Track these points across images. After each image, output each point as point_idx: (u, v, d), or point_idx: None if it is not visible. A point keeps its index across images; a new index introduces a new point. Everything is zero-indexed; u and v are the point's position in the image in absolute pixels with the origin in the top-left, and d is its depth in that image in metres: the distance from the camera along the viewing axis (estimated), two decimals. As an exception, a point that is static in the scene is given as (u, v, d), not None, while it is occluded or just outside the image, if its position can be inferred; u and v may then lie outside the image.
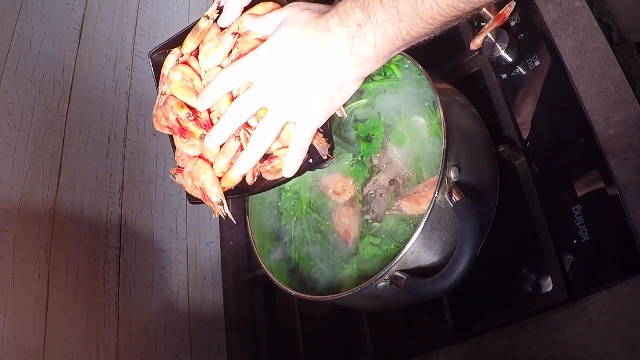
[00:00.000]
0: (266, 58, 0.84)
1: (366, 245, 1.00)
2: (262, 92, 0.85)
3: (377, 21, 0.78)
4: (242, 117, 0.87)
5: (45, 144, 1.27)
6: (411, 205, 0.94)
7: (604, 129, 0.95)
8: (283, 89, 0.84)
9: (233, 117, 0.87)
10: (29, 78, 1.29)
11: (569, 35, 1.03)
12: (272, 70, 0.84)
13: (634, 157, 0.91)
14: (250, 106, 0.87)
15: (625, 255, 0.89)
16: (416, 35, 0.78)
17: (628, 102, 0.94)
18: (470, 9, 0.74)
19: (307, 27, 0.83)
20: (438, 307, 1.04)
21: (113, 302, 1.29)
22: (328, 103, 0.85)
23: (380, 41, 0.79)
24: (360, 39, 0.79)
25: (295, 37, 0.83)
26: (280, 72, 0.84)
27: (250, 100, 0.86)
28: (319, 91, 0.84)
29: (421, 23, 0.76)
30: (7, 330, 1.08)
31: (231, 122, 0.88)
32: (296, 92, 0.84)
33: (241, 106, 0.87)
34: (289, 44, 0.83)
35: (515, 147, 1.04)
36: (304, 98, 0.84)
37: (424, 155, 0.99)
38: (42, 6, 1.38)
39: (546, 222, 0.97)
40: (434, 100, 0.98)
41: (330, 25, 0.81)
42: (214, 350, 1.46)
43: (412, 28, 0.77)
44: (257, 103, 0.86)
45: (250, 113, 0.87)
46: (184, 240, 1.52)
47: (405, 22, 0.76)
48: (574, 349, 0.89)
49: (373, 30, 0.78)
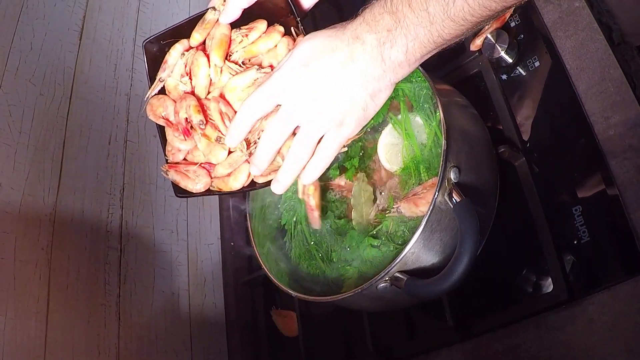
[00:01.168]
0: (290, 76, 0.83)
1: (366, 246, 1.00)
2: (293, 113, 0.83)
3: (407, 25, 0.77)
4: (278, 142, 0.86)
5: (46, 145, 1.28)
6: (409, 207, 0.94)
7: (604, 130, 0.95)
8: (314, 105, 0.82)
9: (270, 144, 0.86)
10: (30, 79, 1.29)
11: (569, 36, 1.03)
12: (299, 87, 0.82)
13: (634, 158, 0.91)
14: (284, 130, 0.85)
15: (625, 255, 0.89)
16: (448, 38, 0.77)
17: (628, 103, 0.94)
18: (502, 7, 0.74)
19: (331, 38, 0.82)
20: (438, 308, 1.04)
21: (114, 304, 1.29)
22: (362, 111, 0.84)
23: (412, 45, 0.78)
24: (392, 44, 0.78)
25: (320, 49, 0.82)
26: (308, 87, 0.82)
27: (283, 124, 0.84)
28: (353, 102, 0.82)
29: (453, 25, 0.75)
30: (8, 331, 1.08)
31: (269, 148, 0.87)
32: (329, 107, 0.82)
33: (276, 133, 0.85)
34: (314, 57, 0.82)
35: (516, 147, 1.04)
36: (338, 112, 0.82)
37: (423, 157, 0.99)
38: (43, 8, 1.38)
39: (546, 223, 0.97)
40: (434, 101, 0.98)
41: (359, 33, 0.80)
42: (214, 351, 1.47)
43: (443, 30, 0.76)
44: (290, 125, 0.84)
45: (285, 137, 0.86)
46: (185, 241, 1.52)
47: (436, 24, 0.75)
48: (574, 349, 0.89)
49: (404, 35, 0.77)
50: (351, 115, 0.83)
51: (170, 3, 1.74)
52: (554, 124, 1.03)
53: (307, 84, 0.82)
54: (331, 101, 0.82)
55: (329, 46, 0.81)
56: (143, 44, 0.98)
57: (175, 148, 0.97)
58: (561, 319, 0.92)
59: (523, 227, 1.02)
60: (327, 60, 0.81)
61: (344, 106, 0.82)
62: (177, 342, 1.40)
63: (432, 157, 0.98)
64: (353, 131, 0.85)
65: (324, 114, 0.82)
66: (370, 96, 0.83)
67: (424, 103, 1.01)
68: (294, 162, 0.86)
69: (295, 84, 0.82)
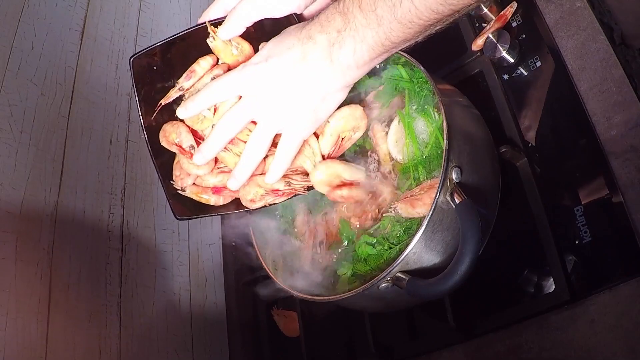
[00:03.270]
0: (253, 70, 0.84)
1: (361, 243, 1.00)
2: (250, 106, 0.85)
3: (356, 26, 0.77)
4: (232, 131, 0.87)
5: (47, 145, 1.28)
6: (406, 208, 0.94)
7: (606, 130, 0.95)
8: (270, 101, 0.84)
9: (223, 132, 0.87)
10: (31, 79, 1.29)
11: (571, 36, 1.03)
12: (258, 83, 0.84)
13: (636, 158, 0.91)
14: (239, 120, 0.86)
15: (627, 255, 0.89)
16: (396, 41, 0.77)
17: (630, 103, 0.94)
18: (449, 11, 0.73)
19: (290, 36, 0.83)
20: (440, 308, 1.04)
21: (115, 304, 1.29)
22: (312, 113, 0.85)
23: (359, 47, 0.78)
24: (340, 45, 0.79)
25: (279, 47, 0.83)
26: (266, 84, 0.83)
27: (239, 114, 0.86)
28: (302, 102, 0.83)
29: (400, 27, 0.75)
30: (10, 331, 1.08)
31: (221, 137, 0.88)
32: (282, 104, 0.83)
33: (230, 121, 0.86)
34: (273, 55, 0.83)
35: (517, 148, 1.04)
36: (289, 109, 0.84)
37: (423, 158, 0.99)
38: (44, 8, 1.38)
39: (548, 223, 0.97)
40: (435, 102, 0.98)
41: (312, 33, 0.80)
42: (215, 351, 1.47)
43: (391, 33, 0.76)
44: (245, 117, 0.86)
45: (240, 127, 0.87)
46: (186, 241, 1.52)
47: (384, 26, 0.75)
48: (576, 350, 0.89)
49: (352, 36, 0.78)
50: (302, 116, 0.85)
51: (171, 3, 1.74)
52: (555, 124, 1.03)
53: (265, 80, 0.83)
54: (285, 99, 0.83)
55: (286, 44, 0.82)
56: (130, 60, 0.96)
57: (184, 173, 0.97)
58: (563, 319, 0.92)
59: (525, 227, 1.02)
60: (283, 59, 0.82)
61: (296, 106, 0.84)
62: (178, 342, 1.40)
63: (431, 159, 0.97)
64: (307, 132, 0.87)
65: (278, 111, 0.84)
66: (321, 99, 0.84)
67: (425, 104, 1.01)
68: (249, 157, 0.88)
69: (256, 79, 0.84)
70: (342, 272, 1.02)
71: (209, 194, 0.98)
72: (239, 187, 0.93)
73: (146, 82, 0.97)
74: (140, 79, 0.97)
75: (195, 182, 0.98)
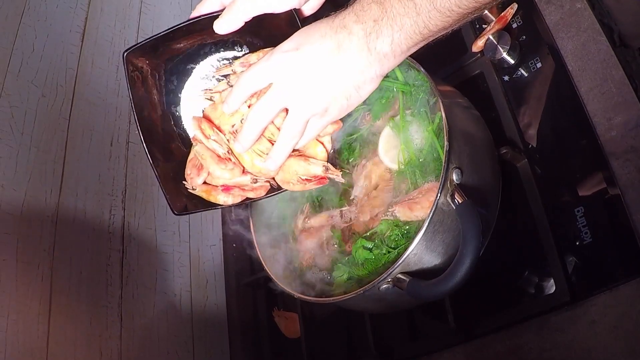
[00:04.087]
0: (283, 58, 0.83)
1: (358, 247, 1.00)
2: (281, 93, 0.84)
3: (393, 15, 0.76)
4: (265, 119, 0.87)
5: (48, 147, 1.28)
6: (404, 211, 0.94)
7: (606, 131, 0.95)
8: (301, 88, 0.83)
9: (257, 121, 0.87)
10: (32, 81, 1.29)
11: (571, 37, 1.03)
12: (289, 70, 0.83)
13: (636, 159, 0.91)
14: (271, 108, 0.86)
15: (627, 256, 0.89)
16: (434, 29, 0.77)
17: (630, 104, 0.94)
18: (489, 0, 0.73)
19: (321, 26, 0.82)
20: (441, 309, 1.04)
21: (116, 305, 1.29)
22: (345, 100, 0.84)
23: (397, 36, 0.78)
24: (377, 35, 0.78)
25: (311, 35, 0.82)
26: (297, 72, 0.83)
27: (271, 102, 0.85)
28: (336, 90, 0.83)
29: (439, 16, 0.75)
30: (10, 332, 1.08)
31: (255, 125, 0.88)
32: (315, 92, 0.83)
33: (262, 109, 0.86)
34: (305, 43, 0.82)
35: (518, 149, 1.04)
36: (323, 99, 0.84)
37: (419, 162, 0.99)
38: (45, 9, 1.38)
39: (548, 224, 0.98)
40: (431, 105, 0.98)
41: (347, 23, 0.80)
42: (216, 352, 1.47)
43: (429, 21, 0.75)
44: (277, 104, 0.86)
45: (272, 115, 0.87)
46: (187, 243, 1.52)
47: (422, 15, 0.75)
48: (576, 351, 0.89)
49: (390, 25, 0.77)
50: (335, 104, 0.84)
51: (171, 5, 1.74)
52: (556, 125, 1.03)
53: (297, 68, 0.83)
54: (318, 88, 0.83)
55: (319, 33, 0.82)
56: (124, 54, 0.95)
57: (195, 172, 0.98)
58: (563, 320, 0.92)
59: (525, 228, 1.02)
60: (316, 47, 0.82)
61: (329, 94, 0.83)
62: (178, 344, 1.40)
63: (428, 162, 0.98)
64: (334, 118, 0.87)
65: (311, 99, 0.84)
66: (355, 87, 0.83)
67: (421, 107, 1.01)
68: (285, 141, 0.88)
69: (287, 67, 0.83)
70: (338, 275, 1.02)
71: (218, 192, 0.97)
72: (277, 170, 0.93)
73: (139, 79, 0.97)
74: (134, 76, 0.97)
75: (206, 180, 0.98)
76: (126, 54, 0.95)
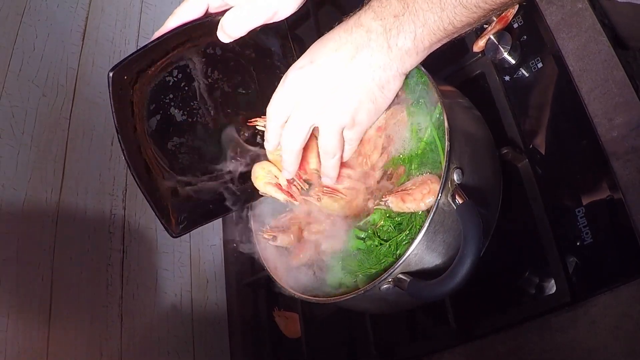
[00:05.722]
0: (298, 75, 0.81)
1: (352, 237, 0.99)
2: (305, 112, 0.82)
3: (416, 10, 0.74)
4: (297, 142, 0.85)
5: (48, 146, 1.28)
6: (397, 202, 0.93)
7: (607, 131, 0.95)
8: (323, 102, 0.81)
9: (291, 147, 0.86)
10: (32, 81, 1.29)
11: (572, 37, 1.03)
12: (307, 86, 0.81)
13: (637, 159, 0.91)
14: (299, 130, 0.84)
15: (628, 257, 0.89)
16: (459, 26, 0.75)
17: (631, 104, 0.94)
18: None
19: (335, 31, 0.80)
20: (441, 310, 1.04)
21: (116, 305, 1.30)
22: (372, 104, 0.82)
23: (420, 32, 0.75)
24: (398, 30, 0.76)
25: (325, 45, 0.80)
26: (316, 86, 0.80)
27: (297, 124, 0.84)
28: (361, 96, 0.81)
29: (465, 12, 0.73)
30: (11, 332, 1.08)
31: (291, 151, 0.87)
32: (339, 104, 0.81)
33: (291, 134, 0.85)
34: (319, 54, 0.80)
35: (519, 149, 1.04)
36: (348, 109, 0.81)
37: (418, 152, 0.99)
38: (46, 9, 1.38)
39: (549, 224, 0.97)
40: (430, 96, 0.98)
41: (363, 21, 0.77)
42: (217, 352, 1.47)
43: (455, 17, 0.73)
44: (304, 125, 0.84)
45: (303, 136, 0.85)
46: (187, 242, 1.52)
47: (447, 10, 0.73)
48: (577, 351, 0.89)
49: (412, 20, 0.75)
50: (362, 110, 0.82)
51: (172, 4, 1.73)
52: (557, 126, 1.03)
53: (315, 82, 0.80)
54: (340, 98, 0.80)
55: (332, 40, 0.80)
56: (109, 74, 0.88)
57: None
58: (564, 320, 0.92)
59: (526, 228, 1.02)
60: (331, 56, 0.79)
61: (354, 101, 0.81)
62: (179, 344, 1.40)
63: (425, 154, 0.97)
64: (367, 124, 0.85)
65: (335, 112, 0.81)
66: (379, 87, 0.80)
67: (420, 98, 1.01)
68: (326, 158, 0.88)
69: (305, 83, 0.81)
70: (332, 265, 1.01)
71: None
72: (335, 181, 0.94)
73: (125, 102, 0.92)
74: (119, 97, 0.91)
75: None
76: (112, 72, 0.89)
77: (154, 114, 0.94)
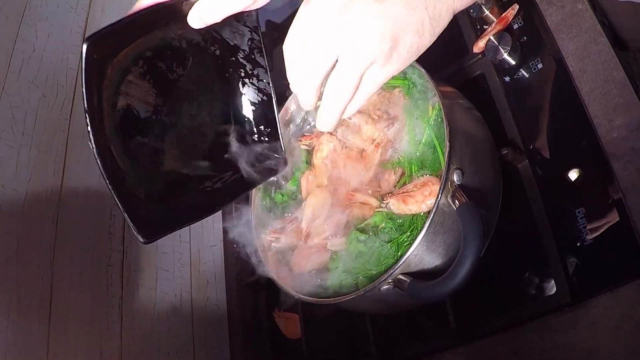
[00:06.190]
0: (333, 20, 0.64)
1: (352, 239, 0.99)
2: (328, 42, 0.65)
3: None
4: (317, 74, 0.68)
5: (48, 147, 1.28)
6: (398, 204, 0.93)
7: (607, 132, 0.95)
8: (354, 28, 0.63)
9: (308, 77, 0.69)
10: (33, 81, 1.29)
11: (572, 38, 1.03)
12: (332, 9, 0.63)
13: (637, 160, 0.91)
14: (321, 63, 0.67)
15: (628, 257, 0.89)
16: None
17: (631, 105, 0.94)
18: None
19: None
20: (441, 310, 1.04)
21: (116, 305, 1.29)
22: (418, 38, 0.65)
23: None
24: None
25: None
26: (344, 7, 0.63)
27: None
28: (407, 21, 0.63)
29: None
30: (11, 332, 1.08)
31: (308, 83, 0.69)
32: (373, 30, 0.63)
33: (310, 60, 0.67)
34: None
35: (519, 150, 1.04)
36: (386, 36, 0.63)
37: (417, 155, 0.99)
38: (46, 9, 1.38)
39: (549, 225, 0.97)
40: (429, 97, 0.98)
41: None
42: (217, 352, 1.47)
43: None
44: (327, 57, 0.66)
45: (325, 70, 0.67)
46: (187, 243, 1.52)
47: None
48: (577, 352, 0.89)
49: None
50: (404, 40, 0.64)
51: (172, 5, 1.73)
52: (557, 126, 1.03)
53: (357, 26, 0.63)
54: (377, 22, 0.63)
55: None
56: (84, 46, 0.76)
57: None
58: (564, 321, 0.92)
59: (526, 229, 1.02)
60: None
61: (395, 27, 0.63)
62: (179, 344, 1.40)
63: (425, 155, 0.97)
64: (401, 66, 0.67)
65: (367, 41, 0.64)
66: (430, 17, 0.65)
67: (420, 99, 1.01)
68: (333, 99, 0.69)
69: (344, 29, 0.64)
70: (333, 267, 1.02)
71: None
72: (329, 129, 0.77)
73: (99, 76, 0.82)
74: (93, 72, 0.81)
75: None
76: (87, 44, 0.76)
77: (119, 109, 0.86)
